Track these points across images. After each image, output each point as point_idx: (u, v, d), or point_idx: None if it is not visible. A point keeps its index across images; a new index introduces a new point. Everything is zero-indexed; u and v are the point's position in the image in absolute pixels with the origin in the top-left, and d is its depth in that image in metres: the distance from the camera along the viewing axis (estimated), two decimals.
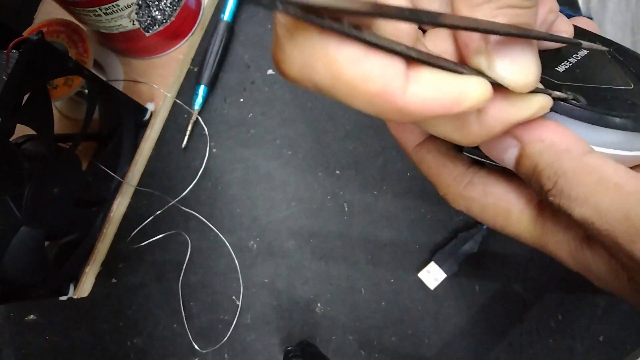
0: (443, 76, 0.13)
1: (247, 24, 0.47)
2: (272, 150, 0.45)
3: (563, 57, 0.17)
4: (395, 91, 0.12)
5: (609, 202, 0.13)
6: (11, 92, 0.28)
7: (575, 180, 0.14)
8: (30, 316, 0.45)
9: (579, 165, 0.14)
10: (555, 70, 0.17)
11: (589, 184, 0.13)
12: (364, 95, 0.12)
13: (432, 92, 0.12)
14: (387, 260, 0.43)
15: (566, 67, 0.17)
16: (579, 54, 0.18)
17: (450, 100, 0.12)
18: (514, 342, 0.42)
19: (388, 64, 0.12)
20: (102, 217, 0.43)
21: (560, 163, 0.14)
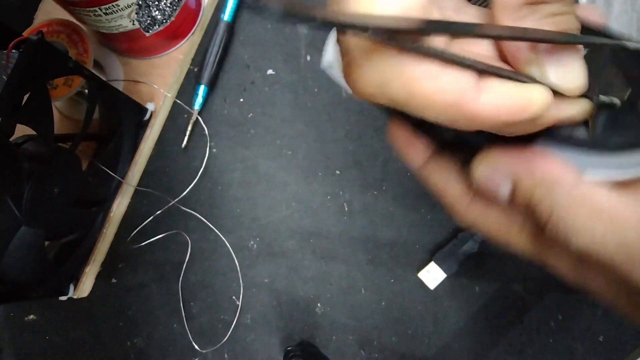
0: (510, 85, 0.13)
1: (247, 24, 0.47)
2: (272, 150, 0.45)
3: None
4: (470, 101, 0.13)
5: (604, 232, 0.13)
6: (11, 92, 0.28)
7: (569, 212, 0.14)
8: (30, 316, 0.45)
9: (571, 198, 0.14)
10: None
11: (583, 215, 0.14)
12: (440, 106, 0.13)
13: (502, 99, 0.13)
14: (387, 260, 0.43)
15: None
16: None
17: (519, 107, 0.13)
18: (514, 342, 0.42)
19: (461, 77, 0.13)
20: (102, 217, 0.43)
21: (553, 197, 0.14)
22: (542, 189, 0.15)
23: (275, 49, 0.46)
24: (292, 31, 0.47)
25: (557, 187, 0.15)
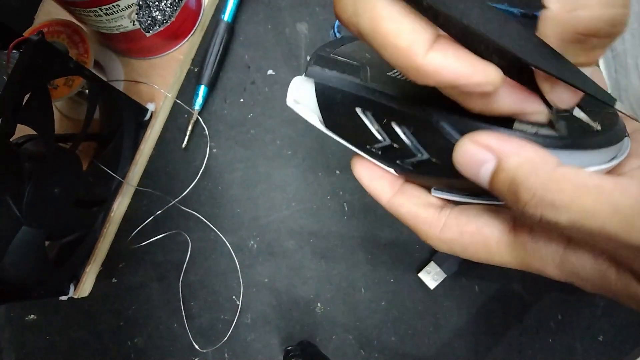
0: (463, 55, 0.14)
1: (247, 24, 0.47)
2: (272, 150, 0.45)
3: None
4: (418, 53, 0.14)
5: (594, 202, 0.14)
6: (12, 92, 0.28)
7: (556, 188, 0.14)
8: (30, 316, 0.45)
9: (556, 175, 0.14)
10: None
11: (570, 190, 0.14)
12: (392, 49, 0.14)
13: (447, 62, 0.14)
14: (387, 260, 0.43)
15: None
16: None
17: (461, 75, 0.14)
18: (513, 342, 0.42)
19: (419, 29, 0.14)
20: (102, 217, 0.43)
21: (538, 175, 0.15)
22: (526, 168, 0.15)
23: (276, 49, 0.46)
24: (292, 31, 0.47)
25: (541, 165, 0.15)
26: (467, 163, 0.16)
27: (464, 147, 0.16)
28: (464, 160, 0.16)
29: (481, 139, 0.16)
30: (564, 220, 0.14)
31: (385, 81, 0.19)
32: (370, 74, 0.20)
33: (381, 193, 0.21)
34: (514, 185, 0.15)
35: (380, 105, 0.19)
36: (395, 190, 0.21)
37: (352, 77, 0.20)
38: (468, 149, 0.16)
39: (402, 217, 0.21)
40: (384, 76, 0.20)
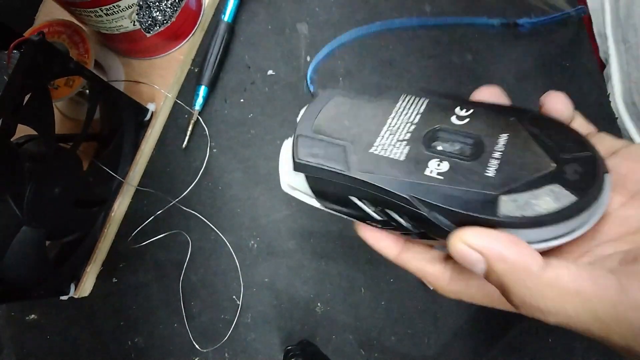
0: None
1: (247, 24, 0.47)
2: (272, 150, 0.45)
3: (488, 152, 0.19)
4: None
5: (576, 309, 0.15)
6: (12, 92, 0.28)
7: (541, 296, 0.16)
8: (31, 316, 0.45)
9: (541, 282, 0.16)
10: (487, 176, 0.19)
11: (554, 297, 0.16)
12: None
13: None
14: (387, 260, 0.43)
15: (495, 167, 0.19)
16: (499, 141, 0.20)
17: None
18: (513, 341, 0.42)
19: None
20: (103, 217, 0.43)
21: (524, 283, 0.16)
22: (512, 275, 0.16)
23: (276, 50, 0.47)
24: (292, 31, 0.47)
25: (526, 273, 0.16)
26: (461, 258, 0.18)
27: (456, 247, 0.18)
28: (459, 256, 0.18)
29: (470, 240, 0.17)
30: (552, 321, 0.16)
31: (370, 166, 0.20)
32: (356, 156, 0.21)
33: (388, 252, 0.24)
34: (504, 289, 0.17)
35: (371, 194, 0.20)
36: (400, 248, 0.23)
37: (339, 168, 0.21)
38: (460, 248, 0.18)
39: (411, 271, 0.23)
40: (367, 156, 0.21)
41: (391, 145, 0.21)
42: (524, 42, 0.45)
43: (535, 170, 0.18)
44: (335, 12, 0.47)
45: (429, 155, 0.20)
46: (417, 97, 0.23)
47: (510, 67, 0.45)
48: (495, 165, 0.19)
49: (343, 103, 0.24)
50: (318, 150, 0.22)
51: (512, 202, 0.18)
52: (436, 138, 0.21)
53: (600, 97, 0.44)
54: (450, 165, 0.19)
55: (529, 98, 0.44)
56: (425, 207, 0.19)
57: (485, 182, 0.18)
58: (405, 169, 0.20)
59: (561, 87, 0.45)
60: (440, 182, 0.19)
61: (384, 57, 0.45)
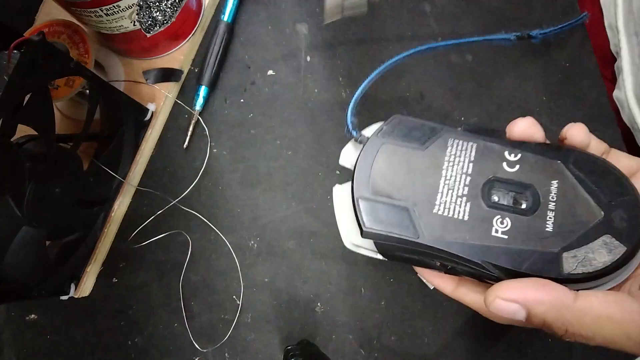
0: None
1: (247, 24, 0.47)
2: (272, 150, 0.45)
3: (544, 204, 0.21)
4: None
5: (610, 332, 0.18)
6: (12, 92, 0.29)
7: (579, 324, 0.19)
8: (31, 316, 0.45)
9: (577, 313, 0.19)
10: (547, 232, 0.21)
11: (590, 324, 0.19)
12: None
13: None
14: (387, 260, 0.43)
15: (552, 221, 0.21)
16: (551, 190, 0.22)
17: None
18: (513, 341, 0.42)
19: None
20: (103, 217, 0.43)
21: (563, 317, 0.19)
22: (552, 312, 0.19)
23: (276, 50, 0.47)
24: (292, 31, 0.47)
25: (563, 307, 0.19)
26: (501, 312, 0.20)
27: (494, 304, 0.20)
28: (498, 311, 0.20)
29: (505, 294, 0.20)
30: (593, 344, 0.19)
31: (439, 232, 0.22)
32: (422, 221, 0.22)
33: (445, 287, 0.25)
34: (547, 325, 0.19)
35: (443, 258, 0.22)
36: (455, 283, 0.25)
37: (408, 236, 0.22)
38: (498, 304, 0.20)
39: (467, 304, 0.25)
40: (433, 220, 0.22)
41: (452, 202, 0.22)
42: (524, 44, 0.45)
43: (587, 220, 0.20)
44: None
45: (490, 212, 0.22)
46: (464, 141, 0.24)
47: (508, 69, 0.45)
48: (552, 218, 0.21)
49: (393, 153, 0.24)
50: (383, 215, 0.23)
51: (573, 257, 0.20)
52: (492, 189, 0.22)
53: (599, 97, 0.44)
54: (511, 222, 0.21)
55: (528, 98, 0.44)
56: (496, 270, 0.21)
57: (546, 238, 0.20)
58: (472, 230, 0.21)
59: (561, 87, 0.45)
60: (506, 243, 0.21)
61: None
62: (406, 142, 0.24)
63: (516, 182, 0.22)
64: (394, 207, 0.22)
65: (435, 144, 0.24)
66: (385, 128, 0.25)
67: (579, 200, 0.21)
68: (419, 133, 0.24)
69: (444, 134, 0.24)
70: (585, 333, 0.19)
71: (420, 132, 0.24)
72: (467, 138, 0.24)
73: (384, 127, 0.25)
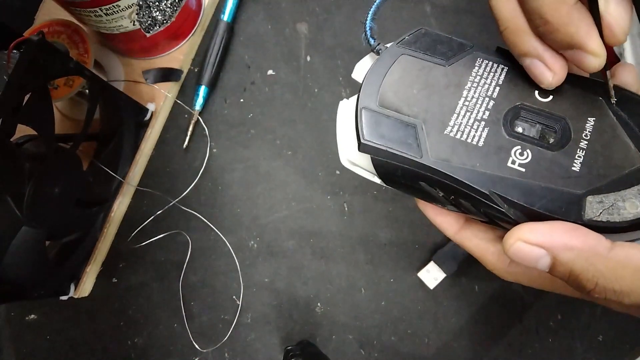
0: None
1: (247, 24, 0.47)
2: (272, 150, 0.45)
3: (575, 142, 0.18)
4: None
5: None
6: (12, 92, 0.28)
7: (614, 277, 0.15)
8: (30, 316, 0.45)
9: (612, 263, 0.16)
10: (572, 171, 0.18)
11: (628, 276, 0.15)
12: None
13: None
14: (387, 260, 0.43)
15: (581, 160, 0.18)
16: (586, 127, 0.18)
17: None
18: (513, 341, 0.42)
19: None
20: (102, 217, 0.43)
21: (595, 266, 0.16)
22: (581, 261, 0.16)
23: (276, 49, 0.47)
24: (292, 31, 0.47)
25: (595, 256, 0.16)
26: (522, 258, 0.17)
27: (515, 247, 0.17)
28: (519, 256, 0.17)
29: (529, 237, 0.17)
30: (627, 302, 0.16)
31: (446, 153, 0.19)
32: (429, 140, 0.19)
33: (447, 228, 0.22)
34: (573, 277, 0.16)
35: (446, 185, 0.19)
36: (460, 225, 0.22)
37: (411, 154, 0.19)
38: (520, 248, 0.17)
39: (469, 249, 0.22)
40: (442, 139, 0.19)
41: (468, 125, 0.19)
42: None
43: (623, 165, 0.17)
44: (335, 12, 0.47)
45: (510, 142, 0.19)
46: (495, 63, 0.20)
47: None
48: (581, 157, 0.18)
49: (412, 65, 0.21)
50: (386, 129, 0.20)
51: (598, 203, 0.17)
52: (517, 117, 0.19)
53: None
54: (532, 155, 0.18)
55: None
56: (505, 204, 0.18)
57: (570, 178, 0.17)
58: (485, 158, 0.18)
59: None
60: (523, 176, 0.18)
61: None
62: (429, 55, 0.21)
63: (546, 113, 0.19)
64: (400, 122, 0.20)
65: (461, 62, 0.20)
66: (407, 38, 0.21)
67: (617, 143, 0.18)
68: (445, 48, 0.21)
69: (473, 52, 0.21)
70: (619, 287, 0.15)
71: (446, 46, 0.21)
72: (499, 60, 0.20)
73: (406, 37, 0.21)
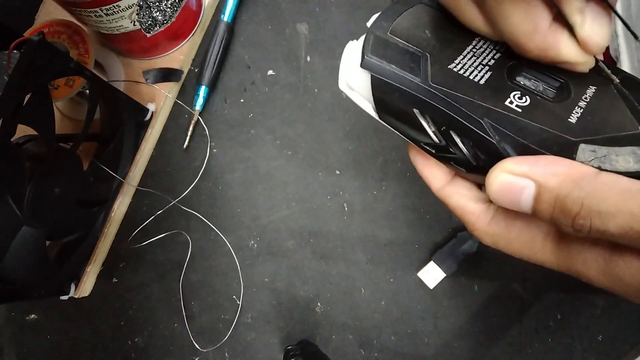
0: None
1: (247, 24, 0.47)
2: (272, 150, 0.45)
3: (574, 101, 0.18)
4: None
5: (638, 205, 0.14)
6: (12, 92, 0.29)
7: (601, 196, 0.15)
8: (31, 316, 0.45)
9: (598, 185, 0.15)
10: (569, 122, 0.17)
11: (615, 197, 0.14)
12: None
13: None
14: (387, 260, 0.43)
15: (578, 115, 0.18)
16: (587, 92, 0.18)
17: None
18: (513, 341, 0.42)
19: None
20: (103, 217, 0.43)
21: (581, 187, 0.15)
22: (567, 184, 0.15)
23: (276, 50, 0.47)
24: (292, 31, 0.47)
25: (582, 179, 0.15)
26: (505, 193, 0.16)
27: (499, 179, 0.16)
28: (502, 190, 0.16)
29: (514, 168, 0.16)
30: (612, 227, 0.14)
31: (446, 80, 0.19)
32: (432, 69, 0.19)
33: (433, 181, 0.22)
34: (560, 200, 0.15)
35: (441, 112, 0.19)
36: (446, 180, 0.21)
37: (412, 76, 0.19)
38: (506, 179, 0.16)
39: (450, 206, 0.21)
40: (445, 71, 0.19)
41: (472, 66, 0.19)
42: None
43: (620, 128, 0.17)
44: (335, 12, 0.47)
45: (511, 86, 0.19)
46: None
47: None
48: (579, 113, 0.18)
49: (427, 12, 0.21)
50: (391, 52, 0.20)
51: (591, 152, 0.17)
52: (521, 72, 0.19)
53: None
54: (531, 101, 0.18)
55: None
56: (496, 136, 0.18)
57: (566, 126, 0.17)
58: (483, 93, 0.18)
59: None
60: (519, 115, 0.18)
61: None
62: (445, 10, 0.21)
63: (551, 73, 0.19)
64: (407, 50, 0.20)
65: None
66: None
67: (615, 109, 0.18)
68: None
69: None
70: (606, 208, 0.14)
71: None
72: None
73: None
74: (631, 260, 0.15)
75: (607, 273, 0.16)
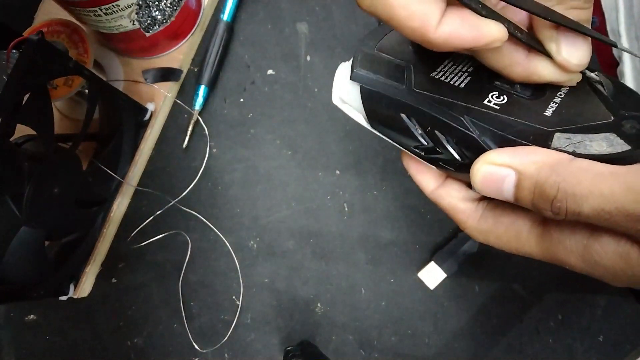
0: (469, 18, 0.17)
1: (247, 24, 0.47)
2: (272, 150, 0.45)
3: (549, 98, 0.20)
4: (429, 29, 0.17)
5: (610, 186, 0.15)
6: (11, 92, 0.28)
7: (576, 180, 0.16)
8: (30, 316, 0.45)
9: (573, 169, 0.16)
10: (544, 115, 0.19)
11: (588, 179, 0.16)
12: (408, 29, 0.17)
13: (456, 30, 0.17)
14: (387, 260, 0.43)
15: (553, 109, 0.19)
16: (562, 90, 0.20)
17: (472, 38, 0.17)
18: (513, 342, 0.42)
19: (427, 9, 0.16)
20: (102, 217, 0.43)
21: (558, 172, 0.16)
22: (545, 170, 0.17)
23: (275, 49, 0.46)
24: (292, 31, 0.47)
25: (559, 165, 0.16)
26: (488, 183, 0.18)
27: (483, 169, 0.18)
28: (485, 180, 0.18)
29: (495, 158, 0.18)
30: (586, 208, 0.15)
31: (428, 86, 0.21)
32: (415, 77, 0.21)
33: (425, 184, 0.24)
34: (539, 186, 0.17)
35: (425, 114, 0.20)
36: (439, 183, 0.23)
37: (397, 84, 0.21)
38: (488, 170, 0.18)
39: (442, 207, 0.23)
40: (428, 79, 0.21)
41: (453, 73, 0.21)
42: None
43: (594, 118, 0.18)
44: (335, 12, 0.47)
45: (489, 88, 0.21)
46: None
47: None
48: (554, 107, 0.19)
49: None
50: (378, 65, 0.22)
51: (566, 139, 0.18)
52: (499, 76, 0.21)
53: None
54: (509, 100, 0.20)
55: None
56: (477, 130, 0.19)
57: (542, 119, 0.19)
58: (463, 95, 0.20)
59: None
60: (497, 112, 0.19)
61: None
62: None
63: None
64: (392, 62, 0.22)
65: None
66: None
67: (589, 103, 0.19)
68: None
69: None
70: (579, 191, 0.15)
71: None
72: None
73: None
74: (607, 243, 0.17)
75: (586, 258, 0.17)
